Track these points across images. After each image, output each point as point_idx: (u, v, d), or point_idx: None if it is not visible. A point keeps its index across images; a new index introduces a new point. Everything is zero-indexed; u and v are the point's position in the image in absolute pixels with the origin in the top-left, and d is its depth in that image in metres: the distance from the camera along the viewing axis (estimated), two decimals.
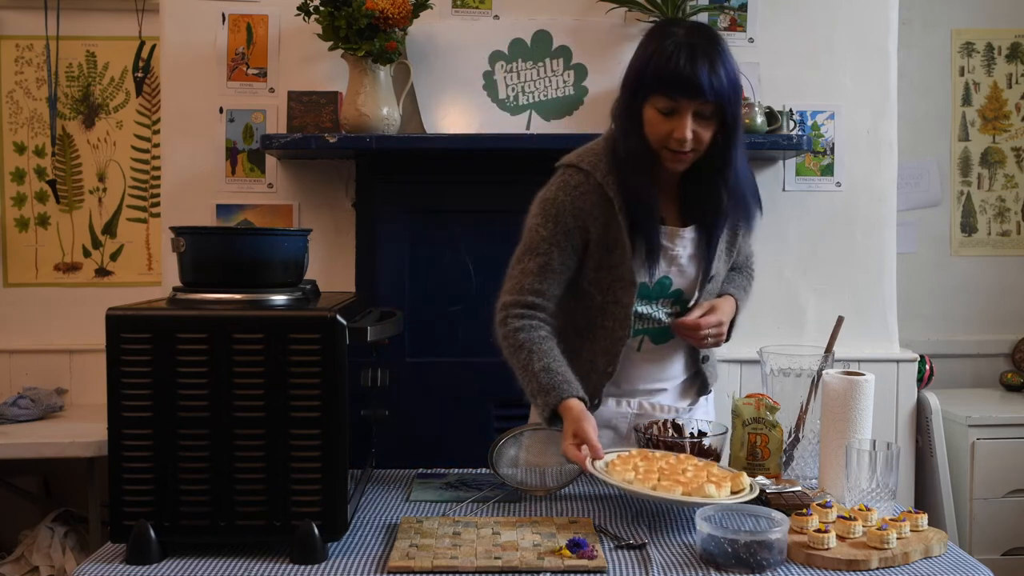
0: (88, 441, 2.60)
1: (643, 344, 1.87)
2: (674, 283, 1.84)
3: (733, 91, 1.70)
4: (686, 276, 1.85)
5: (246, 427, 1.32)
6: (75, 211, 3.18)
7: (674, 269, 1.83)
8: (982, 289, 3.36)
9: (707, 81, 1.65)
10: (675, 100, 1.67)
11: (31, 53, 3.15)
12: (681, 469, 1.55)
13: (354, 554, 1.36)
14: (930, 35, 3.32)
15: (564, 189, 1.79)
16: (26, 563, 2.82)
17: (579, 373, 1.79)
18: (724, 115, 1.70)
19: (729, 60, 1.71)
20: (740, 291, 1.96)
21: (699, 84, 1.65)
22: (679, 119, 1.68)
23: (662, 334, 1.87)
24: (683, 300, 1.86)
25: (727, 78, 1.68)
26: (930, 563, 1.35)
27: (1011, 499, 2.81)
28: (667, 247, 1.81)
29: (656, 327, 1.85)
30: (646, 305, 1.83)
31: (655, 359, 1.89)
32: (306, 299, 1.48)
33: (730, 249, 1.90)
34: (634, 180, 1.75)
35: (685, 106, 1.68)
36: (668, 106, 1.68)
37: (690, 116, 1.68)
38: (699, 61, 1.65)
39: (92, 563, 1.32)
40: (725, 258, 1.89)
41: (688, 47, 1.66)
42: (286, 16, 2.73)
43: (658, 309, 1.85)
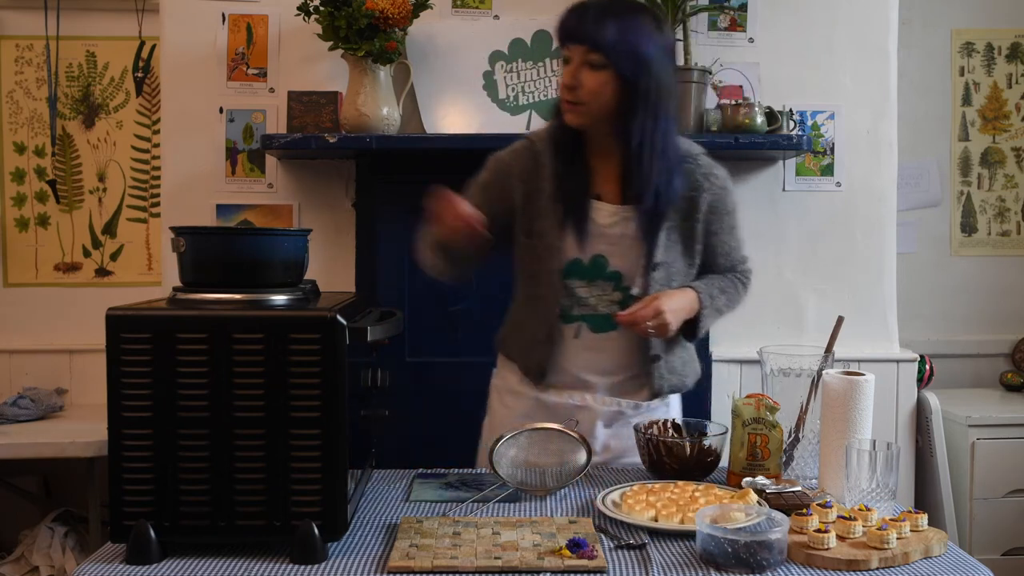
0: (88, 441, 2.60)
1: (581, 331, 1.85)
2: (610, 263, 1.83)
3: (622, 44, 1.71)
4: (625, 258, 1.83)
5: (246, 427, 1.32)
6: (75, 211, 3.18)
7: (609, 248, 1.82)
8: (982, 289, 3.36)
9: (589, 29, 1.71)
10: (566, 47, 1.76)
11: (31, 53, 3.15)
12: (690, 497, 1.55)
13: (354, 554, 1.36)
14: (930, 35, 3.32)
15: (507, 150, 1.91)
16: (26, 563, 2.82)
17: (525, 345, 1.87)
18: (623, 73, 1.72)
19: (633, 23, 1.73)
20: (710, 287, 1.87)
21: (578, 29, 1.73)
22: (568, 67, 1.76)
23: (601, 322, 1.85)
24: (624, 287, 1.84)
25: (617, 32, 1.71)
26: (930, 563, 1.35)
27: (1011, 499, 2.81)
28: (600, 223, 1.82)
29: (594, 314, 1.85)
30: (584, 287, 1.84)
31: (593, 349, 1.87)
32: (306, 299, 1.48)
33: (689, 241, 1.86)
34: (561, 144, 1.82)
35: (574, 53, 1.74)
36: (565, 54, 1.77)
37: (577, 64, 1.74)
38: (588, 12, 1.74)
39: (92, 563, 1.32)
40: (681, 249, 1.86)
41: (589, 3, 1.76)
42: (286, 16, 2.73)
43: (598, 294, 1.84)
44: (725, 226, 1.90)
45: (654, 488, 1.59)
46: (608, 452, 1.92)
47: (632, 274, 1.83)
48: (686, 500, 1.53)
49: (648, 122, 1.76)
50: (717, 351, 2.83)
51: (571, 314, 1.85)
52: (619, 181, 1.83)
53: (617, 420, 1.91)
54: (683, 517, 1.46)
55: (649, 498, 1.54)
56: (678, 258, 1.86)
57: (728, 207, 1.90)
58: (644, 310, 1.74)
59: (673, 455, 1.71)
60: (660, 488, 1.59)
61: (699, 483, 1.64)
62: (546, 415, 1.87)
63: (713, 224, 1.88)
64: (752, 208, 2.85)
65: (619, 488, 1.63)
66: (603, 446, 1.91)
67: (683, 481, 1.65)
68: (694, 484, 1.62)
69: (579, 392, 1.89)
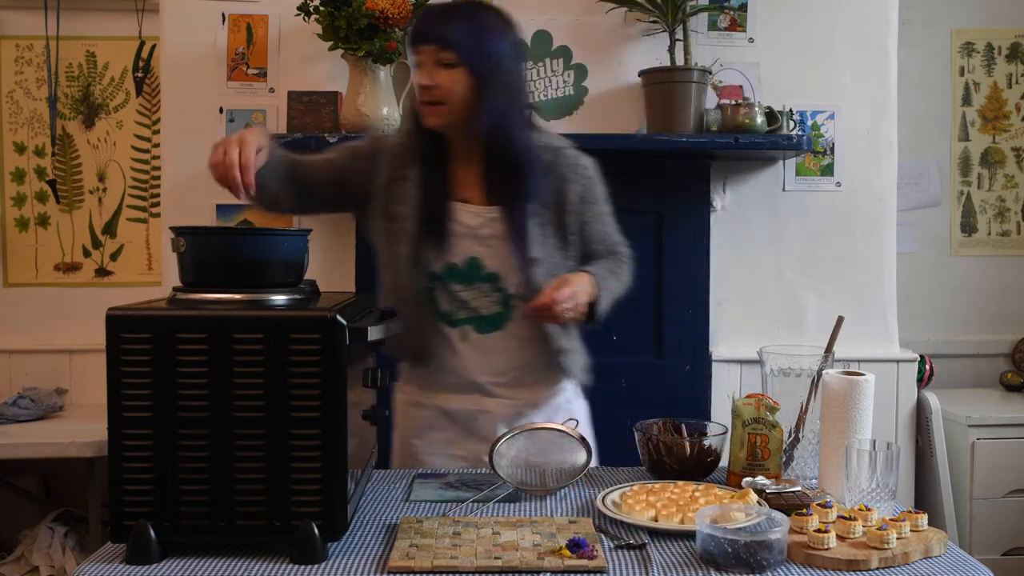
0: (88, 441, 2.60)
1: (468, 335, 1.86)
2: (486, 265, 1.84)
3: (471, 41, 1.74)
4: (500, 259, 1.83)
5: (246, 427, 1.32)
6: (75, 211, 3.18)
7: (483, 249, 1.83)
8: (982, 289, 3.36)
9: (433, 27, 1.75)
10: (417, 51, 1.77)
11: (31, 53, 3.15)
12: (690, 497, 1.55)
13: (354, 554, 1.36)
14: (930, 35, 3.32)
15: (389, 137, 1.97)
16: (26, 563, 2.82)
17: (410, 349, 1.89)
18: (474, 70, 1.74)
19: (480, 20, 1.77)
20: (600, 270, 1.86)
21: (425, 29, 1.75)
22: (420, 70, 1.77)
23: (485, 324, 1.86)
24: (502, 287, 1.84)
25: (465, 29, 1.74)
26: (930, 563, 1.35)
27: (1011, 499, 2.81)
28: (469, 225, 1.83)
29: (477, 316, 1.86)
30: (464, 291, 1.85)
31: (484, 350, 1.87)
32: (306, 299, 1.48)
33: (563, 234, 1.86)
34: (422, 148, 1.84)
35: (425, 54, 1.75)
36: (418, 59, 1.77)
37: (430, 65, 1.75)
38: (435, 13, 1.78)
39: (92, 563, 1.32)
40: (555, 243, 1.86)
41: (434, 7, 1.80)
42: (286, 16, 2.73)
43: (478, 296, 1.85)
44: (596, 214, 1.91)
45: (654, 488, 1.59)
46: None
47: (508, 274, 1.84)
48: (686, 500, 1.53)
49: (502, 118, 1.79)
50: (717, 351, 2.83)
51: (456, 318, 1.86)
52: (483, 183, 1.85)
53: (519, 419, 1.90)
54: (683, 517, 1.46)
55: (649, 498, 1.54)
56: (554, 253, 1.86)
57: (597, 196, 1.91)
58: (559, 292, 1.72)
59: (673, 455, 1.71)
60: (660, 488, 1.59)
61: (699, 483, 1.64)
62: (448, 423, 1.90)
63: (585, 214, 1.89)
64: (752, 208, 2.85)
65: (619, 488, 1.63)
66: None
67: (683, 481, 1.65)
68: (694, 484, 1.62)
69: (476, 395, 1.90)
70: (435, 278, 1.85)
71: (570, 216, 1.87)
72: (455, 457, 1.93)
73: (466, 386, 1.89)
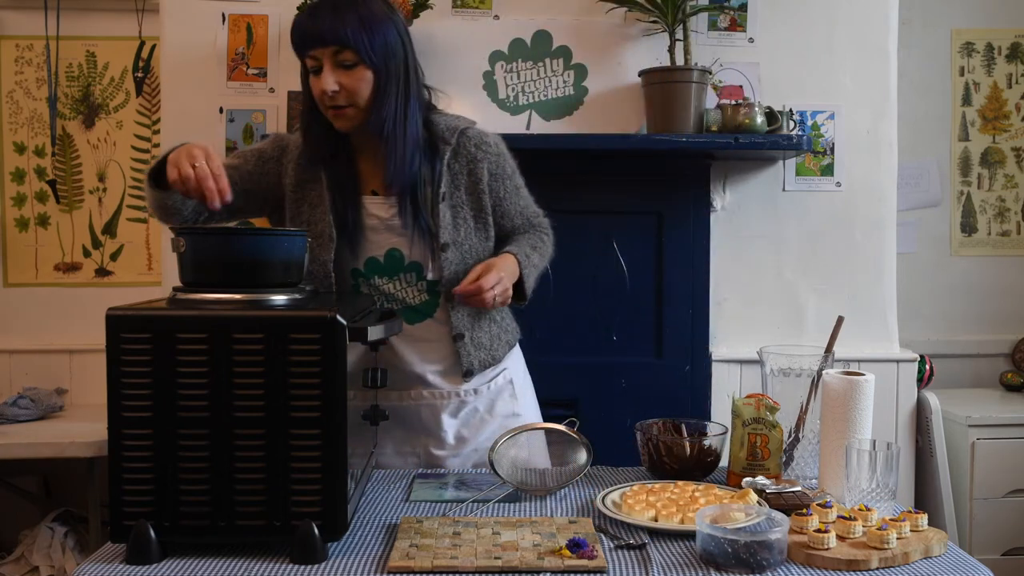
0: (88, 441, 2.60)
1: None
2: (407, 255, 1.83)
3: (368, 36, 1.71)
4: (418, 247, 1.83)
5: (246, 427, 1.32)
6: (75, 211, 3.18)
7: (400, 240, 1.83)
8: (982, 289, 3.36)
9: (327, 27, 1.69)
10: (312, 56, 1.73)
11: (31, 53, 3.15)
12: (690, 497, 1.55)
13: (354, 554, 1.36)
14: (930, 35, 3.32)
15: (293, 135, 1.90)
16: (26, 563, 2.82)
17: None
18: (374, 65, 1.73)
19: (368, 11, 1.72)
20: (522, 248, 1.87)
21: (318, 31, 1.70)
22: (320, 74, 1.73)
23: (414, 314, 1.86)
24: (426, 277, 1.84)
25: (358, 25, 1.70)
26: (930, 563, 1.35)
27: (1011, 499, 2.81)
28: (383, 217, 1.82)
29: (406, 307, 1.85)
30: (388, 283, 1.84)
31: (417, 339, 1.87)
32: (306, 299, 1.48)
33: (480, 215, 1.86)
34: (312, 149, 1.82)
35: (323, 58, 1.72)
36: (312, 65, 1.74)
37: (330, 67, 1.72)
38: (320, 10, 1.72)
39: (92, 563, 1.32)
40: (473, 226, 1.86)
41: (315, 5, 1.74)
42: (286, 16, 2.72)
43: (403, 287, 1.85)
44: (510, 188, 1.91)
45: (654, 488, 1.59)
46: (464, 444, 1.92)
47: (426, 261, 1.84)
48: (686, 500, 1.53)
49: (399, 107, 1.77)
50: (717, 351, 2.84)
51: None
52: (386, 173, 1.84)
53: (462, 408, 1.90)
54: (683, 517, 1.46)
55: (649, 498, 1.54)
56: (471, 234, 1.86)
57: (508, 171, 1.91)
58: (485, 278, 1.72)
59: (673, 455, 1.71)
60: (660, 488, 1.59)
61: (699, 483, 1.64)
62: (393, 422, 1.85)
63: (498, 191, 1.89)
64: (752, 208, 2.85)
65: (619, 488, 1.63)
66: (456, 437, 1.91)
67: (683, 481, 1.65)
68: (694, 484, 1.62)
69: (417, 388, 1.89)
70: (358, 274, 1.85)
71: (484, 195, 1.86)
72: (405, 454, 1.91)
73: (404, 380, 1.87)
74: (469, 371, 1.88)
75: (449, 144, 1.84)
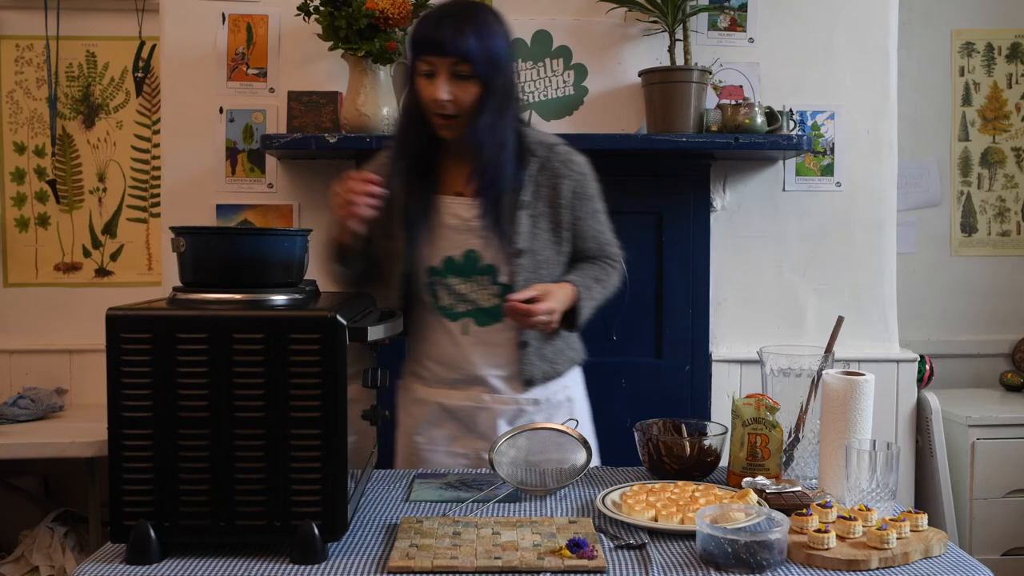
0: (88, 441, 2.60)
1: (468, 327, 1.88)
2: (483, 257, 1.86)
3: (485, 52, 1.76)
4: (495, 250, 1.85)
5: (246, 427, 1.32)
6: (75, 211, 3.18)
7: (478, 241, 1.85)
8: (982, 289, 3.36)
9: (450, 39, 1.73)
10: (429, 61, 1.76)
11: (31, 53, 3.15)
12: (690, 497, 1.55)
13: (354, 554, 1.36)
14: (930, 35, 3.32)
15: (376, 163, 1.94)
16: (26, 563, 2.82)
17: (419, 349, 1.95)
18: (484, 79, 1.76)
19: (488, 26, 1.78)
20: (585, 279, 1.89)
21: (441, 41, 1.74)
22: (435, 80, 1.77)
23: (485, 316, 1.88)
24: (500, 280, 1.86)
25: (478, 39, 1.75)
26: (930, 563, 1.35)
27: (1011, 499, 2.81)
28: (464, 217, 1.85)
29: (477, 308, 1.88)
30: (463, 284, 1.87)
31: (485, 343, 1.89)
32: (306, 299, 1.48)
33: (556, 228, 1.89)
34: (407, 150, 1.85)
35: (439, 66, 1.75)
36: (427, 69, 1.77)
37: (445, 77, 1.75)
38: (444, 21, 1.75)
39: (92, 563, 1.32)
40: (549, 237, 1.88)
41: (439, 12, 1.78)
42: (286, 16, 2.73)
43: (477, 289, 1.87)
44: (589, 211, 1.93)
45: (654, 488, 1.59)
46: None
47: (503, 265, 1.86)
48: (686, 500, 1.53)
49: (498, 119, 1.81)
50: (717, 351, 2.84)
51: (456, 311, 1.88)
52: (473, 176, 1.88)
53: (519, 417, 1.91)
54: (683, 517, 1.46)
55: (649, 498, 1.54)
56: (547, 245, 1.89)
57: (590, 192, 1.94)
58: (541, 304, 1.75)
59: (673, 455, 1.71)
60: (660, 488, 1.59)
61: (699, 483, 1.64)
62: (448, 419, 1.91)
63: (578, 210, 1.91)
64: (752, 208, 2.85)
65: (619, 488, 1.63)
66: None
67: (683, 481, 1.65)
68: (694, 484, 1.62)
69: (477, 390, 1.91)
70: (434, 272, 1.87)
71: (563, 211, 1.89)
72: (456, 454, 1.93)
73: (467, 381, 1.90)
74: (531, 380, 1.90)
75: (537, 157, 1.88)
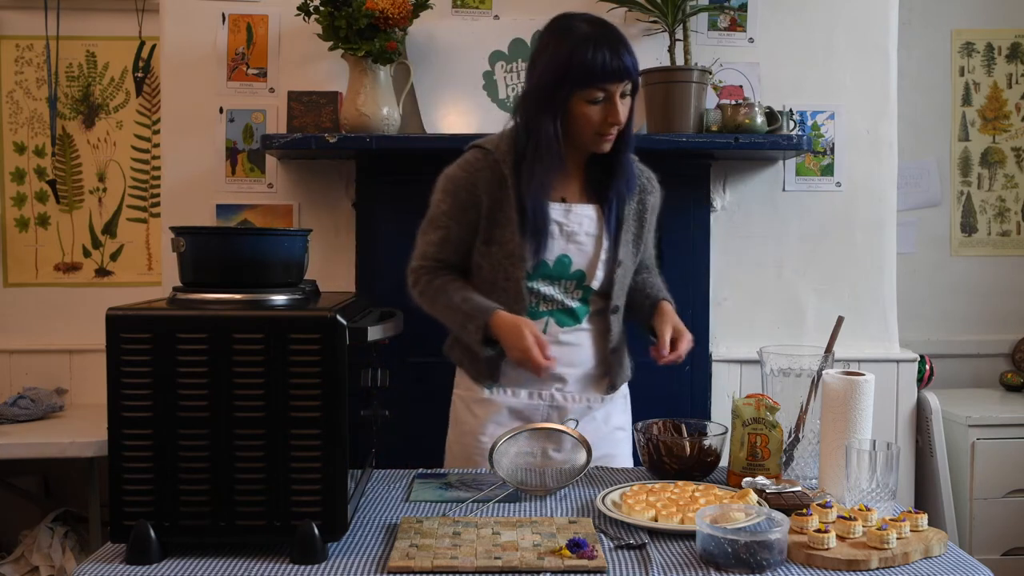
0: (88, 441, 2.60)
1: (548, 327, 1.90)
2: (574, 262, 1.89)
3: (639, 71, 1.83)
4: (585, 255, 1.89)
5: (246, 427, 1.32)
6: (75, 211, 3.18)
7: (572, 247, 1.88)
8: (982, 289, 3.36)
9: (630, 62, 1.78)
10: (606, 89, 1.78)
11: (31, 53, 3.15)
12: (690, 497, 1.55)
13: (354, 554, 1.36)
14: (930, 35, 3.32)
15: (463, 166, 1.90)
16: (26, 563, 2.82)
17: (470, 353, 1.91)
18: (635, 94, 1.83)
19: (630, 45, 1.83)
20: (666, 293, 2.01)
21: (626, 67, 1.78)
22: (610, 105, 1.79)
23: (567, 317, 1.91)
24: (586, 285, 1.90)
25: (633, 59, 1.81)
26: (930, 563, 1.35)
27: (1011, 499, 2.81)
28: (563, 223, 1.87)
29: (559, 308, 1.90)
30: (548, 286, 1.89)
31: (562, 343, 1.91)
32: (306, 299, 1.48)
33: (636, 240, 1.94)
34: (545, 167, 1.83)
35: (615, 91, 1.78)
36: (599, 95, 1.78)
37: (618, 99, 1.79)
38: (616, 45, 1.78)
39: (92, 563, 1.32)
40: (632, 249, 1.94)
41: (604, 38, 1.79)
42: (286, 16, 2.73)
43: (561, 291, 1.90)
44: (654, 226, 2.03)
45: (654, 488, 1.59)
46: None
47: (592, 270, 1.90)
48: (686, 500, 1.53)
49: (631, 130, 1.87)
50: (717, 351, 2.83)
51: (538, 311, 1.90)
52: (583, 182, 1.92)
53: (585, 415, 1.94)
54: (683, 517, 1.46)
55: (649, 498, 1.54)
56: (630, 255, 1.94)
57: (658, 210, 2.03)
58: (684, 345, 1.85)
59: (673, 455, 1.71)
60: (660, 488, 1.59)
61: (699, 483, 1.64)
62: (515, 418, 1.91)
63: (651, 223, 2.00)
64: (752, 208, 2.85)
65: (619, 488, 1.63)
66: None
67: (683, 481, 1.65)
68: (694, 484, 1.62)
69: (548, 390, 1.93)
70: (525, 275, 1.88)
71: (646, 224, 1.97)
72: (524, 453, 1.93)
73: (542, 380, 1.91)
74: (613, 385, 1.96)
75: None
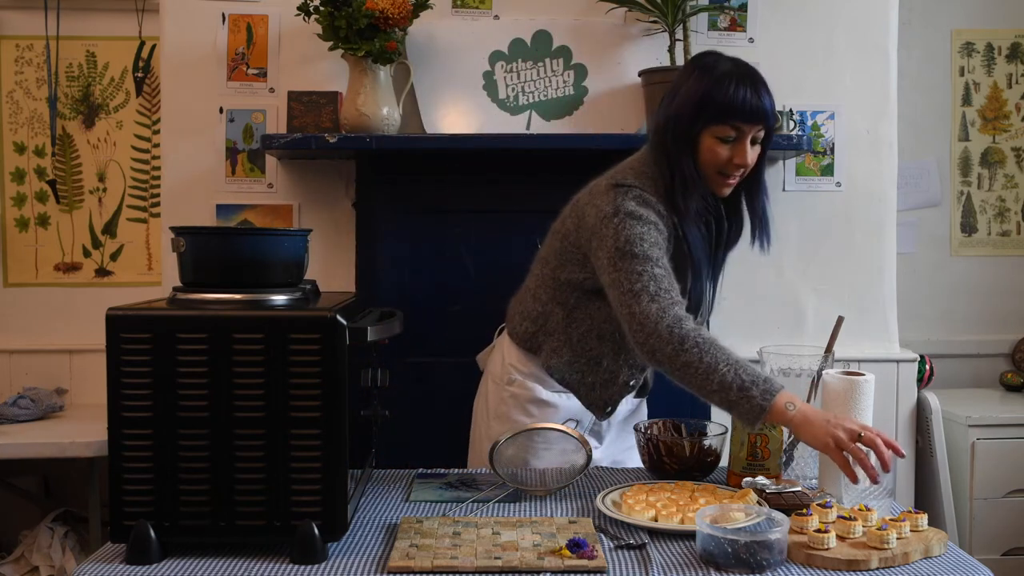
0: (88, 441, 2.60)
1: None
2: None
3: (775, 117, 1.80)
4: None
5: (246, 427, 1.33)
6: (75, 211, 3.18)
7: None
8: (982, 289, 3.35)
9: (769, 105, 1.74)
10: (739, 128, 1.73)
11: (31, 53, 3.15)
12: (690, 497, 1.55)
13: (354, 554, 1.36)
14: (930, 35, 3.32)
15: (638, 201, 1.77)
16: (26, 563, 2.82)
17: (598, 381, 1.87)
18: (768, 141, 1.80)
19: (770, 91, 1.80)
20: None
21: (764, 109, 1.73)
22: (739, 145, 1.75)
23: None
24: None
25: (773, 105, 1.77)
26: (930, 563, 1.35)
27: (1011, 499, 2.81)
28: None
29: None
30: None
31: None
32: (306, 299, 1.48)
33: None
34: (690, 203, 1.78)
35: (747, 132, 1.74)
36: (731, 134, 1.74)
37: (748, 141, 1.75)
38: (759, 89, 1.74)
39: (92, 563, 1.32)
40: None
41: (746, 77, 1.74)
42: (286, 16, 2.73)
43: None
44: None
45: (654, 488, 1.59)
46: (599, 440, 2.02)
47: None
48: (686, 500, 1.53)
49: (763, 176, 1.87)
50: None
51: None
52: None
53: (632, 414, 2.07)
54: (683, 517, 1.46)
55: (649, 498, 1.54)
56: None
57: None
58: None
59: (673, 455, 1.71)
60: (660, 488, 1.59)
61: (699, 483, 1.64)
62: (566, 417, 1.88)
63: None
64: None
65: (619, 488, 1.63)
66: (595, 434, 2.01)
67: (683, 481, 1.65)
68: (694, 484, 1.62)
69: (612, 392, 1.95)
70: None
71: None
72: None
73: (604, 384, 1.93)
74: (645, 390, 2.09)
75: None
